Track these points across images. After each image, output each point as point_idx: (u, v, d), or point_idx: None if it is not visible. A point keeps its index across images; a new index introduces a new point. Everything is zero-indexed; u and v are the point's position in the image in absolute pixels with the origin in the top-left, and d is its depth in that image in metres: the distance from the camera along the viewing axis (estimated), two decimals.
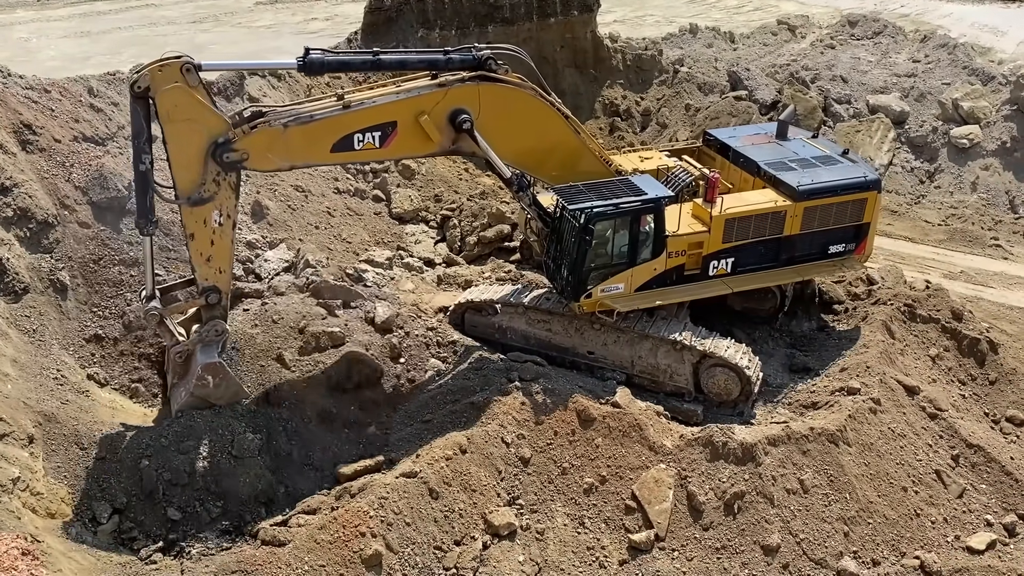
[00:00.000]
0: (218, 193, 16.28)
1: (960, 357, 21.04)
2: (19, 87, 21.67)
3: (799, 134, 23.63)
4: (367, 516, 15.05)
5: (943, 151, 32.75)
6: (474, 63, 17.76)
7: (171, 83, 15.28)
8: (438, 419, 17.94)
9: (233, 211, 16.78)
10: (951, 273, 26.52)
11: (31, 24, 48.76)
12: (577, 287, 19.19)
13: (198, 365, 17.17)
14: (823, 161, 21.62)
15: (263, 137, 16.27)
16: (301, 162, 17.81)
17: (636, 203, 18.84)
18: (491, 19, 33.30)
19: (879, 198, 21.39)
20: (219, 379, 17.26)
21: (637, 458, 17.09)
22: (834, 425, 17.72)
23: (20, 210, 19.39)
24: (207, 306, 17.23)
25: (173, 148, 15.82)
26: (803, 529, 16.63)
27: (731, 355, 19.38)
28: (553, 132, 18.93)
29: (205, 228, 16.45)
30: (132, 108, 15.58)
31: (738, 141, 22.84)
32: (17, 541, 11.20)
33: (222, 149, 15.97)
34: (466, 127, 17.50)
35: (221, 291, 17.18)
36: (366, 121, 16.96)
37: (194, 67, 15.42)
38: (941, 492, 17.84)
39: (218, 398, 17.32)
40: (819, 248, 21.19)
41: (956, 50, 36.90)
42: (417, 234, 26.90)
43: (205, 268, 16.84)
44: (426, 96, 17.30)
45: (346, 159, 18.96)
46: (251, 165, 16.62)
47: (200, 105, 15.70)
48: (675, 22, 48.88)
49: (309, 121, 16.53)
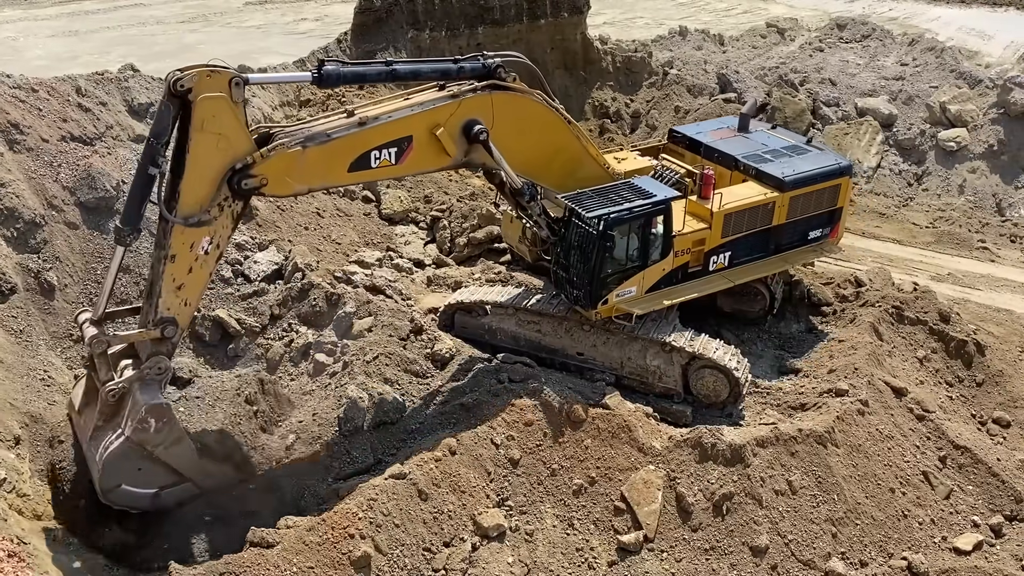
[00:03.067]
0: (218, 219, 15.12)
1: (947, 359, 21.16)
2: (6, 86, 21.55)
3: (759, 126, 24.15)
4: (356, 518, 15.01)
5: (931, 154, 32.96)
6: (484, 72, 17.55)
7: (215, 92, 14.39)
8: (427, 421, 17.91)
9: (224, 243, 15.59)
10: (939, 275, 26.66)
11: (18, 23, 48.52)
12: (595, 294, 19.18)
13: (141, 406, 15.14)
14: (794, 151, 22.30)
15: (281, 161, 15.31)
16: (319, 184, 16.84)
17: (648, 206, 18.92)
18: (481, 20, 33.33)
19: (850, 183, 22.36)
20: (162, 424, 15.35)
21: (626, 459, 17.11)
22: (822, 427, 17.78)
23: (7, 210, 19.30)
24: (159, 339, 15.37)
25: (194, 160, 14.63)
26: (791, 530, 16.68)
27: (720, 356, 19.42)
28: (558, 138, 18.87)
29: (189, 253, 15.02)
30: (163, 106, 14.50)
31: (707, 136, 23.12)
32: (3, 543, 11.11)
33: (240, 176, 14.96)
34: (482, 138, 17.15)
35: (179, 326, 15.47)
36: (382, 137, 16.35)
37: (242, 82, 14.65)
38: (928, 493, 17.92)
39: (156, 445, 15.38)
40: (800, 235, 21.88)
41: (944, 53, 37.14)
42: (407, 235, 26.87)
43: (172, 296, 15.17)
44: (440, 108, 16.87)
45: (363, 178, 17.89)
46: (269, 191, 15.59)
47: (237, 122, 14.78)
48: (664, 24, 49.10)
49: (327, 141, 15.76)
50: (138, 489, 15.53)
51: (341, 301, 20.21)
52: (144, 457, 15.37)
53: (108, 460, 15.08)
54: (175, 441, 15.64)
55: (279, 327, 20.37)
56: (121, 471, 15.26)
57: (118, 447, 15.11)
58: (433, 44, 32.77)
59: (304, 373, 19.48)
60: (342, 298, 20.27)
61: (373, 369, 18.61)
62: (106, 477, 15.17)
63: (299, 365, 19.70)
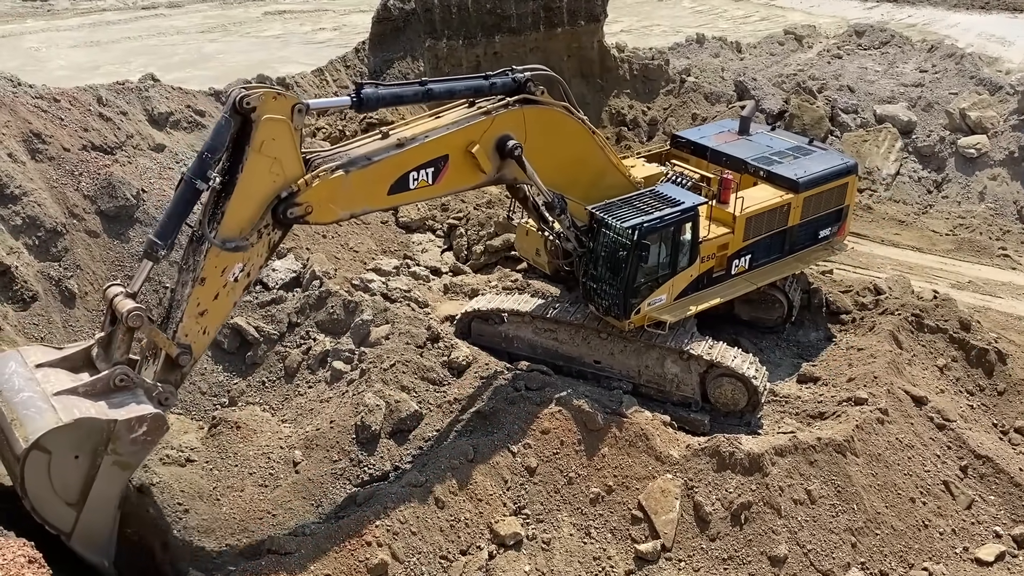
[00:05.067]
0: (254, 247, 14.65)
1: (968, 367, 20.99)
2: (29, 96, 21.82)
3: (759, 128, 24.32)
4: (373, 525, 15.04)
5: (951, 161, 32.73)
6: (514, 87, 17.60)
7: (279, 114, 14.19)
8: (444, 429, 17.93)
9: (254, 272, 15.05)
10: (959, 283, 26.47)
11: (41, 34, 49.11)
12: (628, 304, 19.15)
13: (146, 410, 13.51)
14: (800, 152, 22.53)
15: (326, 187, 15.03)
16: (360, 209, 16.55)
17: (678, 213, 18.94)
18: (498, 29, 33.36)
19: (856, 181, 22.84)
20: (146, 440, 13.53)
21: (643, 468, 17.06)
22: (841, 435, 17.66)
23: (29, 218, 19.51)
24: (169, 365, 14.35)
25: (245, 181, 14.21)
26: (810, 540, 16.56)
27: (738, 365, 19.34)
28: (585, 149, 18.91)
29: (220, 278, 14.40)
30: (223, 122, 14.03)
31: (711, 140, 23.16)
32: (24, 548, 11.19)
33: (285, 204, 14.63)
34: (516, 153, 17.16)
35: (192, 355, 14.48)
36: (420, 158, 16.25)
37: (304, 109, 14.54)
38: (949, 503, 17.76)
39: (119, 453, 13.32)
40: (811, 235, 22.12)
41: (963, 60, 36.88)
42: (424, 243, 26.93)
43: (192, 322, 14.33)
44: (475, 125, 16.85)
45: (402, 200, 17.52)
46: (314, 219, 15.29)
47: (294, 149, 14.56)
48: (682, 32, 49.06)
49: (368, 164, 15.64)
50: (49, 477, 13.07)
51: (359, 309, 20.29)
52: (93, 451, 13.22)
53: (82, 420, 12.93)
54: (128, 465, 13.71)
55: (297, 335, 20.47)
56: (71, 441, 13.01)
57: (96, 418, 13.06)
58: (450, 53, 32.85)
59: (322, 380, 19.57)
60: (359, 306, 20.34)
61: (390, 377, 18.65)
62: (60, 433, 12.81)
63: (317, 372, 19.79)
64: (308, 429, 18.37)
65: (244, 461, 17.65)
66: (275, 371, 20.09)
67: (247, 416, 18.74)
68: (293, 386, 19.82)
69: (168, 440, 17.77)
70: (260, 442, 18.09)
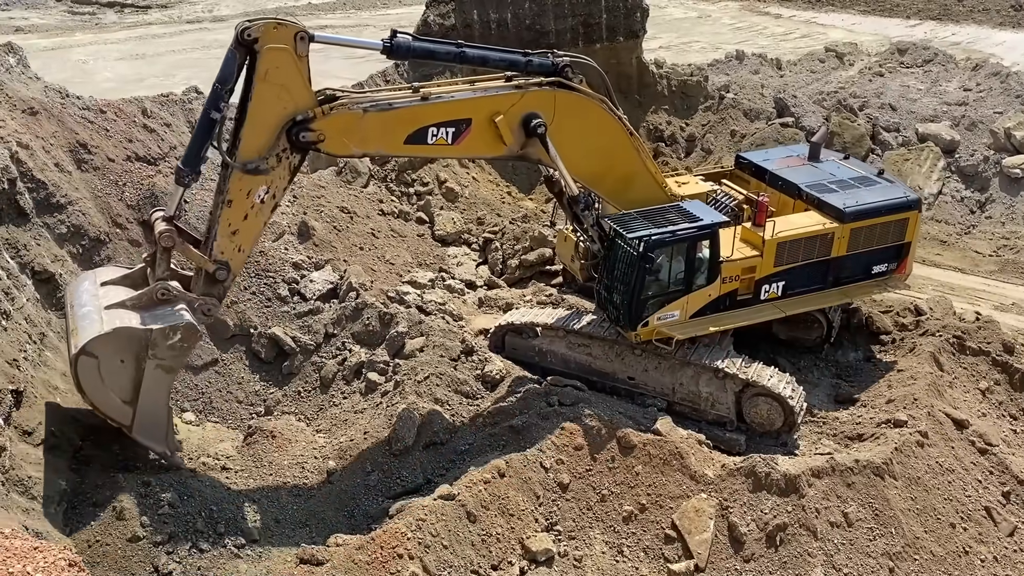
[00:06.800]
0: (275, 170, 15.70)
1: (1011, 391, 20.59)
2: (76, 107, 22.26)
3: (831, 155, 23.70)
4: (404, 537, 15.03)
5: (995, 181, 32.17)
6: (552, 69, 17.79)
7: (280, 43, 14.92)
8: (477, 442, 17.92)
9: (280, 193, 16.15)
10: (1002, 305, 25.99)
11: (89, 47, 50.11)
12: (634, 316, 19.08)
13: (179, 319, 15.38)
14: (862, 182, 21.73)
15: (341, 120, 15.91)
16: (374, 150, 17.47)
17: (693, 230, 18.79)
18: (537, 45, 33.21)
19: (919, 217, 21.56)
20: (182, 346, 15.46)
21: (678, 487, 16.90)
22: (880, 458, 17.38)
23: (74, 227, 19.86)
24: (210, 280, 15.91)
25: (255, 108, 15.26)
26: (847, 563, 16.29)
27: (775, 384, 19.13)
28: (617, 147, 18.89)
29: (246, 200, 15.66)
30: (230, 54, 14.96)
31: (773, 164, 22.83)
32: (64, 552, 11.34)
33: (299, 128, 15.53)
34: (540, 131, 17.36)
35: (231, 271, 16.01)
36: (442, 115, 16.76)
37: (307, 37, 15.19)
38: (991, 529, 17.39)
39: (159, 358, 15.32)
40: (863, 268, 21.27)
41: (1009, 79, 36.31)
42: (459, 256, 27.04)
43: (226, 241, 15.79)
44: (503, 96, 17.25)
45: (417, 152, 18.52)
46: (325, 148, 16.08)
47: (299, 75, 15.31)
48: (721, 48, 48.85)
49: (388, 109, 16.28)
50: (102, 378, 15.21)
51: (394, 321, 20.40)
52: (136, 356, 15.24)
53: (119, 329, 14.97)
54: (171, 368, 15.69)
55: (333, 345, 20.60)
56: (114, 348, 15.05)
57: (134, 328, 15.04)
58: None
59: (356, 391, 19.68)
60: (395, 318, 20.45)
61: (424, 389, 18.71)
62: (102, 341, 14.88)
63: (352, 383, 19.91)
64: (342, 440, 18.47)
65: (279, 470, 17.77)
66: (311, 381, 20.24)
67: (282, 426, 18.88)
68: (328, 396, 19.96)
69: (204, 448, 18.00)
70: (295, 451, 18.20)
